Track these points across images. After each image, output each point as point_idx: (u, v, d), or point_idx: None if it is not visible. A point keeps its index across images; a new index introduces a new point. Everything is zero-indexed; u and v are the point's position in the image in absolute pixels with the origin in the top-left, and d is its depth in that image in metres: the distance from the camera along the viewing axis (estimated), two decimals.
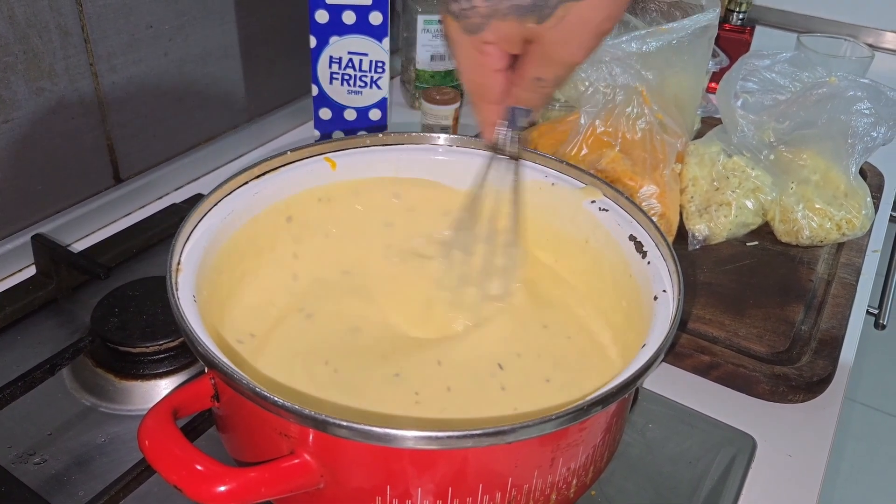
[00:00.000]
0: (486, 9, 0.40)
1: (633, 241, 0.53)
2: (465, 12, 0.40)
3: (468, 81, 0.45)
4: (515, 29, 0.40)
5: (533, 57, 0.42)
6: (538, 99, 0.45)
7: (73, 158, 0.74)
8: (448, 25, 0.42)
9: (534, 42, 0.41)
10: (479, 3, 0.40)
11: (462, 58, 0.43)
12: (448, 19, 0.42)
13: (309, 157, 0.58)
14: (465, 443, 0.37)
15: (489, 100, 0.46)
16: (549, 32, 0.40)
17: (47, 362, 0.56)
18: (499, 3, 0.39)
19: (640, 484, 0.54)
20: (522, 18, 0.39)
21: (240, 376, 0.39)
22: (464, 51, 0.43)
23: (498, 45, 0.42)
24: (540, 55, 0.41)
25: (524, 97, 0.45)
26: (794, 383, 0.60)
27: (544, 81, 0.43)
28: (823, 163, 0.76)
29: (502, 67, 0.43)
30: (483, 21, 0.40)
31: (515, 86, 0.44)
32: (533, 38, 0.41)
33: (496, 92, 0.45)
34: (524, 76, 0.43)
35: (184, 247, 0.49)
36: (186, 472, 0.38)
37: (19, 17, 0.65)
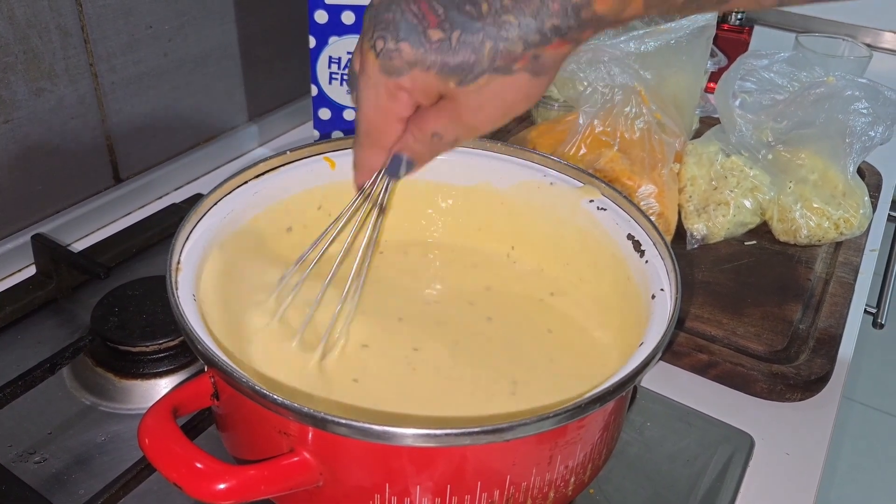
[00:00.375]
0: (411, 55, 0.38)
1: (632, 241, 0.53)
2: (389, 52, 0.39)
3: (366, 121, 0.43)
4: (435, 83, 0.39)
5: (440, 113, 0.41)
6: (427, 154, 0.44)
7: (72, 158, 0.74)
8: (366, 61, 0.40)
9: (446, 99, 0.40)
10: (405, 47, 0.38)
11: (369, 96, 0.41)
12: (368, 55, 0.40)
13: (308, 156, 0.59)
14: (464, 440, 0.37)
15: (380, 144, 0.44)
16: (466, 96, 0.39)
17: (47, 361, 0.56)
18: (426, 55, 0.38)
19: (638, 482, 0.54)
20: (445, 76, 0.38)
21: (239, 374, 0.39)
22: (373, 90, 0.41)
23: (411, 93, 0.40)
24: (448, 113, 0.41)
25: (415, 148, 0.43)
26: (791, 382, 0.60)
27: (442, 139, 0.42)
28: (821, 162, 0.76)
29: (406, 116, 0.42)
30: (405, 66, 0.39)
31: (409, 134, 0.43)
32: (448, 96, 0.40)
33: (390, 139, 0.44)
34: (423, 128, 0.42)
35: (183, 246, 0.49)
36: (186, 470, 0.38)
37: (19, 18, 0.65)
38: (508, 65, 0.38)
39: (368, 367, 0.52)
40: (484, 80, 0.38)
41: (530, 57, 0.38)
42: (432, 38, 0.38)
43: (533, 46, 0.37)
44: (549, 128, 0.79)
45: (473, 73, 0.38)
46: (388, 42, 0.39)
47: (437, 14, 0.38)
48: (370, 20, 0.40)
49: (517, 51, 0.37)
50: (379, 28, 0.39)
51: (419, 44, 0.38)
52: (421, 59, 0.38)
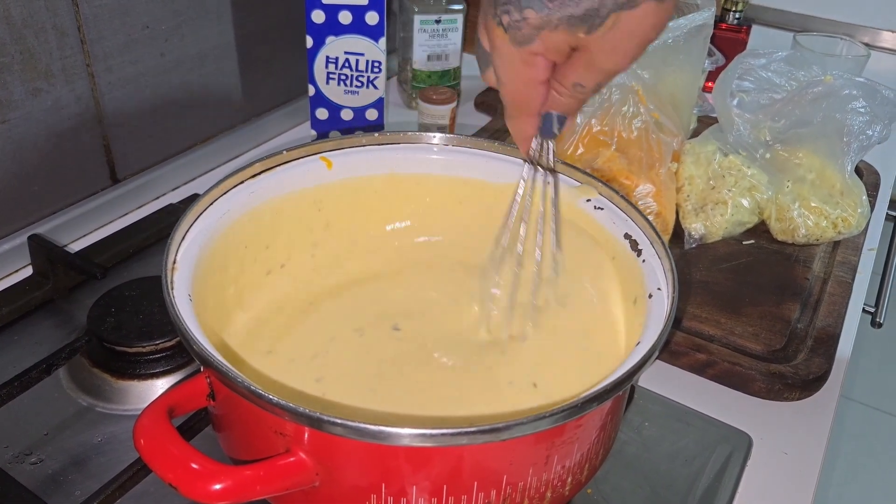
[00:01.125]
0: (537, 20, 0.40)
1: (628, 240, 0.53)
2: (516, 23, 0.40)
3: (512, 93, 0.45)
4: (565, 39, 0.40)
5: (576, 64, 0.42)
6: (575, 104, 0.45)
7: (69, 159, 0.74)
8: (495, 37, 0.42)
9: (580, 50, 0.41)
10: (530, 14, 0.40)
11: (507, 70, 0.43)
12: (496, 31, 0.41)
13: (305, 156, 0.58)
14: (460, 440, 0.37)
15: (529, 111, 0.45)
16: (597, 42, 0.40)
17: (44, 362, 0.56)
18: (551, 15, 0.39)
19: (636, 482, 0.54)
20: (573, 28, 0.39)
21: (235, 374, 0.39)
22: (510, 63, 0.42)
23: (545, 55, 0.42)
24: (584, 63, 0.42)
25: (562, 103, 0.44)
26: (790, 381, 0.60)
27: (584, 88, 0.43)
28: (819, 161, 0.76)
29: (546, 78, 0.43)
30: (533, 32, 0.40)
31: (553, 91, 0.44)
32: (580, 46, 0.41)
33: (538, 103, 0.45)
34: (564, 82, 0.43)
35: (179, 246, 0.49)
36: (182, 471, 0.38)
37: (15, 18, 0.65)
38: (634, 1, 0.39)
39: (368, 369, 0.52)
40: (611, 20, 0.39)
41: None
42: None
43: None
44: None
45: (600, 17, 0.39)
46: (512, 14, 0.40)
47: None
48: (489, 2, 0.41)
49: None
50: (500, 3, 0.41)
51: (542, 6, 0.39)
52: (547, 21, 0.40)
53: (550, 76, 0.44)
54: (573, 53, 0.42)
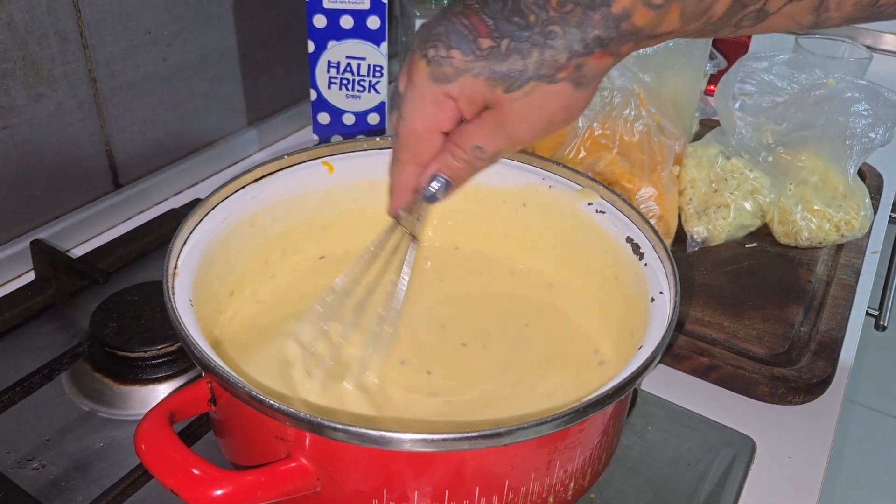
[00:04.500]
0: (461, 63, 0.40)
1: (630, 243, 0.53)
2: (440, 59, 0.40)
3: (409, 133, 0.43)
4: (482, 91, 0.40)
5: (482, 124, 0.41)
6: (466, 172, 0.44)
7: (71, 164, 0.74)
8: (415, 71, 0.41)
9: (490, 110, 0.41)
10: (456, 55, 0.39)
11: (415, 106, 0.42)
12: (418, 64, 0.41)
13: (306, 160, 0.58)
14: (462, 445, 0.37)
15: (419, 159, 0.44)
16: (511, 104, 0.40)
17: (46, 367, 0.56)
18: (475, 62, 0.39)
19: (639, 486, 0.53)
20: (493, 83, 0.39)
21: (236, 380, 0.39)
22: (421, 98, 0.41)
23: (458, 102, 0.41)
24: (492, 123, 0.41)
25: (454, 166, 0.43)
26: (793, 385, 0.60)
27: (483, 153, 0.42)
28: (822, 164, 0.76)
29: (448, 129, 0.43)
30: (454, 73, 0.40)
31: (447, 152, 0.43)
32: (493, 105, 0.41)
33: (429, 153, 0.44)
34: (463, 143, 0.42)
35: (181, 251, 0.49)
36: (183, 476, 0.38)
37: (18, 24, 0.65)
38: (553, 73, 0.39)
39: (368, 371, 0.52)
40: (529, 87, 0.39)
41: (574, 66, 0.39)
42: (482, 46, 0.39)
43: (576, 56, 0.38)
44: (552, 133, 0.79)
45: (520, 80, 0.39)
46: (439, 50, 0.40)
47: (487, 25, 0.39)
48: (421, 36, 0.41)
49: (562, 59, 0.38)
50: (431, 40, 0.40)
51: (470, 51, 0.39)
52: (470, 66, 0.39)
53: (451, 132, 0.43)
54: (482, 114, 0.41)
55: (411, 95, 0.42)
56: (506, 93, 0.39)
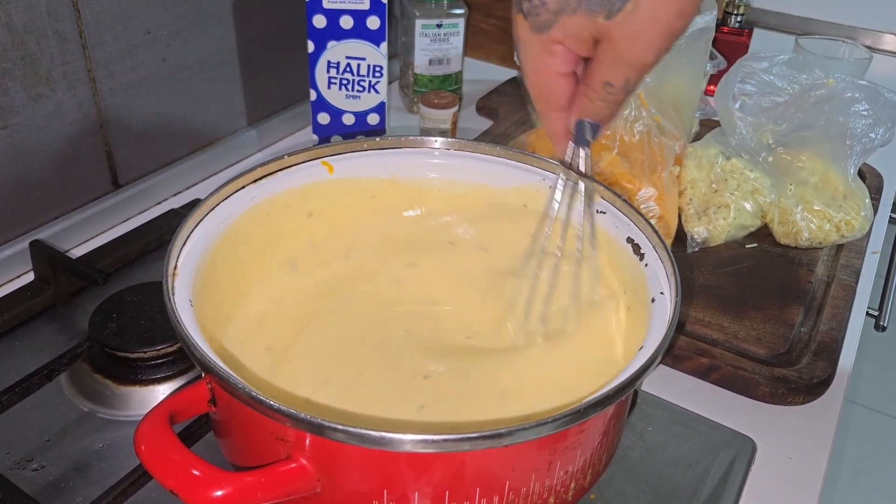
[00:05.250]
0: (555, 4, 0.39)
1: (631, 244, 0.53)
2: (535, 9, 0.40)
3: (534, 85, 0.44)
4: (584, 25, 0.39)
5: (602, 59, 0.41)
6: (607, 109, 0.43)
7: (71, 164, 0.74)
8: (517, 25, 0.41)
9: (603, 42, 0.40)
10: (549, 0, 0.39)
11: (529, 59, 0.42)
12: (518, 19, 0.41)
13: (306, 161, 0.58)
14: (462, 446, 0.37)
15: (555, 106, 0.44)
16: (618, 29, 0.39)
17: (45, 368, 0.56)
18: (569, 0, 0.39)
19: (639, 487, 0.53)
20: (592, 13, 0.38)
21: (235, 380, 0.39)
22: (531, 51, 0.42)
23: (566, 43, 0.41)
24: (609, 56, 0.40)
25: (593, 108, 0.43)
26: (793, 385, 0.60)
27: (613, 88, 0.42)
28: (822, 164, 0.76)
29: (569, 71, 0.42)
30: (552, 18, 0.39)
31: (583, 96, 0.43)
32: (602, 36, 0.40)
33: (562, 97, 0.44)
34: (592, 83, 0.42)
35: (180, 251, 0.49)
36: (183, 477, 0.37)
37: (17, 24, 0.65)
38: None
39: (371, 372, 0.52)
40: (630, 5, 0.38)
41: None
42: None
43: None
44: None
45: (619, 1, 0.38)
46: (533, 1, 0.40)
47: None
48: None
49: None
50: None
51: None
52: (565, 5, 0.39)
53: (576, 70, 0.42)
54: (598, 48, 0.41)
55: (523, 52, 0.42)
56: (608, 19, 0.38)
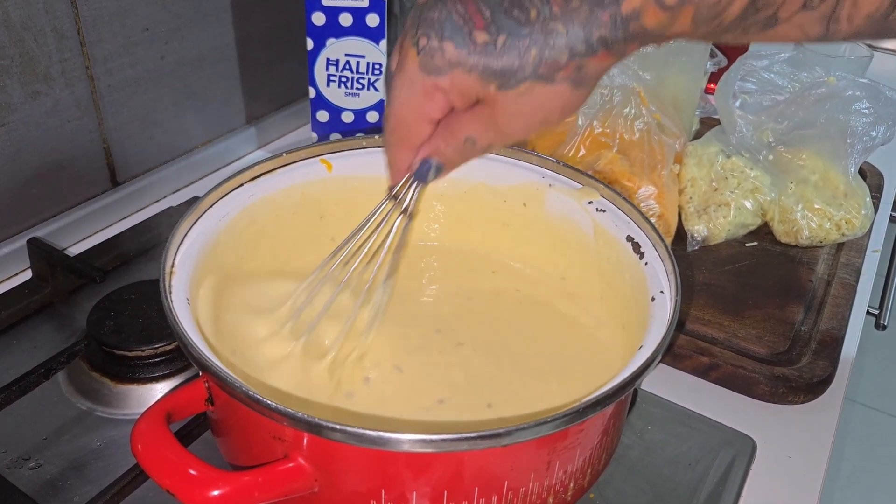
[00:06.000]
0: (454, 55, 0.38)
1: (631, 242, 0.53)
2: (431, 51, 0.38)
3: (397, 119, 0.42)
4: (474, 86, 0.38)
5: (475, 117, 0.40)
6: (458, 159, 0.43)
7: (69, 162, 0.74)
8: (406, 58, 0.40)
9: (484, 104, 0.40)
10: (449, 47, 0.38)
11: (403, 94, 0.41)
12: (409, 52, 0.39)
13: (305, 158, 0.58)
14: (461, 446, 0.37)
15: (409, 145, 0.43)
16: (504, 101, 0.38)
17: (42, 366, 0.56)
18: (469, 57, 0.38)
19: (638, 486, 0.53)
20: (486, 79, 0.38)
21: (233, 379, 0.38)
22: (409, 87, 0.40)
23: (449, 94, 0.40)
24: (484, 118, 0.40)
25: (446, 153, 0.42)
26: (794, 384, 0.60)
27: (475, 145, 0.41)
28: (822, 163, 0.76)
29: (437, 119, 0.42)
30: (446, 66, 0.38)
31: (440, 138, 0.42)
32: (486, 100, 0.39)
33: (419, 139, 0.43)
34: (456, 132, 0.41)
35: (178, 249, 0.49)
36: (179, 477, 0.37)
37: (14, 20, 0.65)
38: (552, 73, 0.37)
39: (369, 372, 0.52)
40: (525, 86, 0.38)
41: (574, 67, 0.37)
42: (477, 40, 0.37)
43: (578, 56, 0.37)
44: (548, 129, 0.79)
45: (516, 79, 0.37)
46: (431, 40, 0.38)
47: (484, 17, 0.37)
48: (414, 19, 0.40)
49: (562, 60, 0.37)
50: (423, 26, 0.39)
51: (463, 45, 0.37)
52: (464, 60, 0.38)
53: (441, 119, 0.42)
54: (476, 106, 0.40)
55: (400, 82, 0.40)
56: (499, 90, 0.38)
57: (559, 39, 0.36)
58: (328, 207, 0.60)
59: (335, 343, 0.51)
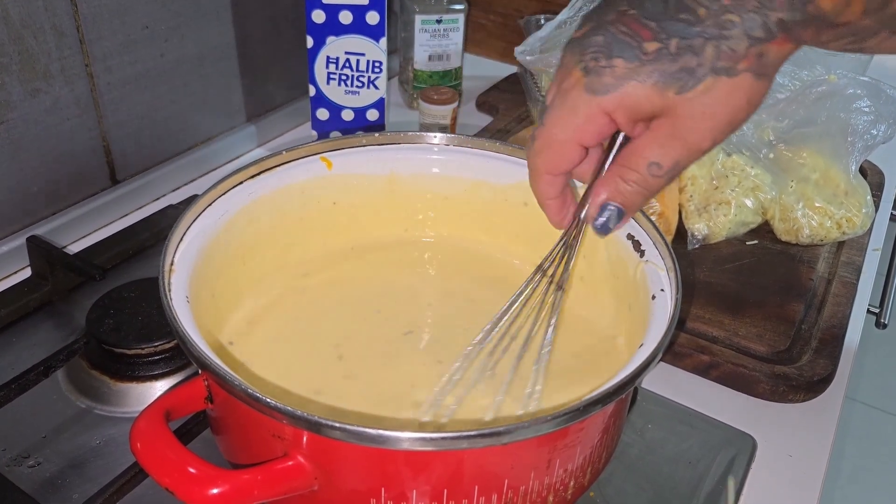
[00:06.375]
0: (624, 70, 0.37)
1: (631, 240, 0.53)
2: (600, 69, 0.37)
3: (547, 140, 0.40)
4: (649, 97, 0.37)
5: (654, 136, 0.38)
6: (640, 196, 0.40)
7: (68, 160, 0.74)
8: (570, 76, 0.38)
9: (662, 118, 0.38)
10: (618, 63, 0.37)
11: (563, 115, 0.39)
12: (574, 74, 0.38)
13: (305, 156, 0.58)
14: (461, 444, 0.37)
15: (560, 170, 0.41)
16: (686, 105, 0.37)
17: (42, 364, 0.56)
18: (642, 67, 0.36)
19: (639, 485, 0.53)
20: (664, 86, 0.36)
21: (232, 377, 0.38)
22: (571, 110, 0.39)
23: (615, 115, 0.38)
24: (664, 133, 0.38)
25: (626, 191, 0.40)
26: (794, 383, 0.60)
27: (660, 169, 0.39)
28: (823, 161, 0.76)
29: (591, 145, 0.40)
30: (615, 83, 0.37)
31: (617, 177, 0.40)
32: (664, 111, 0.37)
33: (571, 165, 0.41)
34: (635, 162, 0.39)
35: (177, 247, 0.49)
36: (178, 475, 0.37)
37: (14, 18, 0.65)
38: (732, 65, 0.36)
39: (369, 369, 0.51)
40: (706, 83, 0.36)
41: (755, 55, 0.36)
42: (648, 50, 0.36)
43: (757, 43, 0.36)
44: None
45: (695, 77, 0.36)
46: (599, 60, 0.37)
47: (650, 28, 0.36)
48: (574, 49, 0.38)
49: (741, 49, 0.36)
50: (588, 51, 0.38)
51: (634, 58, 0.37)
52: (637, 72, 0.37)
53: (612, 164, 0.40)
54: (652, 123, 0.38)
55: (560, 104, 0.39)
56: (679, 94, 0.36)
57: (734, 29, 0.36)
58: (328, 205, 0.60)
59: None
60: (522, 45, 0.83)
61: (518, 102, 1.00)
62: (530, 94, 0.93)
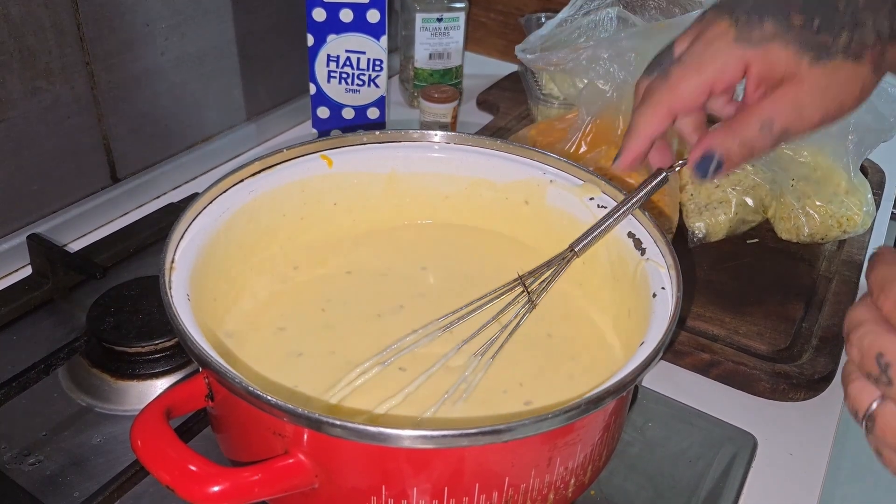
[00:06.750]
0: (773, 29, 0.41)
1: (632, 239, 0.53)
2: (751, 23, 0.41)
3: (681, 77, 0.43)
4: (786, 60, 0.41)
5: (777, 98, 0.42)
6: (742, 154, 0.43)
7: (69, 158, 0.74)
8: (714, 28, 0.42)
9: (787, 85, 0.41)
10: (768, 24, 0.41)
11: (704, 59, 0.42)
12: (719, 24, 0.42)
13: (305, 154, 0.58)
14: (461, 441, 0.37)
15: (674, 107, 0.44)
16: (814, 76, 0.41)
17: (42, 362, 0.56)
18: (788, 32, 0.41)
19: (639, 483, 0.53)
20: (802, 52, 0.41)
21: (233, 375, 0.38)
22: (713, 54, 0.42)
23: (752, 69, 0.42)
24: (786, 99, 0.42)
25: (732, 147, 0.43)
26: (795, 381, 0.60)
27: (770, 132, 0.42)
28: (824, 160, 0.76)
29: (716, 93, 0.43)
30: (762, 40, 0.41)
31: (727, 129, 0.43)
32: (792, 78, 0.41)
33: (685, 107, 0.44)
34: (749, 119, 0.42)
35: (178, 245, 0.49)
36: (179, 473, 0.37)
37: (14, 16, 0.65)
38: (861, 52, 0.41)
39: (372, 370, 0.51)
40: (835, 63, 0.41)
41: (879, 51, 0.41)
42: (794, 22, 0.41)
43: (883, 40, 0.41)
44: (550, 126, 0.78)
45: (829, 53, 0.41)
46: (752, 16, 0.41)
47: (798, 4, 0.41)
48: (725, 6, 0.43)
49: (869, 41, 0.41)
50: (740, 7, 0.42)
51: (783, 22, 0.41)
52: (783, 34, 0.41)
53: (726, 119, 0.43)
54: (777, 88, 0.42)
55: (701, 50, 0.43)
56: (812, 64, 0.41)
57: (867, 23, 0.41)
58: (328, 203, 0.60)
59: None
60: (523, 44, 0.83)
61: (518, 101, 1.00)
62: (531, 92, 0.93)
